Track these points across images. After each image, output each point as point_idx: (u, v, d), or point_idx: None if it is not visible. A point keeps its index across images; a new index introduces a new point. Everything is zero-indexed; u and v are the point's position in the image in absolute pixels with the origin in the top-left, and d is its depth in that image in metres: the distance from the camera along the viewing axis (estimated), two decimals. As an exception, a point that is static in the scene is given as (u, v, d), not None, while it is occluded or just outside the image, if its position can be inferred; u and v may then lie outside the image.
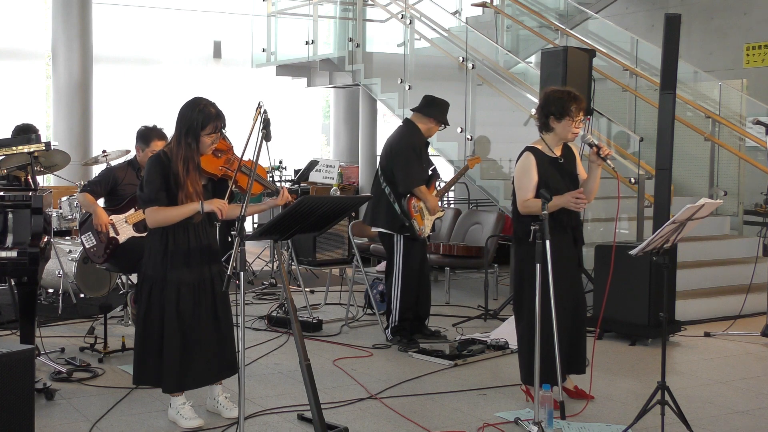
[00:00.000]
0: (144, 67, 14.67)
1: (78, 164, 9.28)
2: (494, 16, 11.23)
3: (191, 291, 4.51)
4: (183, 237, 4.50)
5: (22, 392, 3.88)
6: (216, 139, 4.49)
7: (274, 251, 9.35)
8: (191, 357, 4.52)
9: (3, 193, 5.15)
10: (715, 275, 7.98)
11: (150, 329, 4.53)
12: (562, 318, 4.82)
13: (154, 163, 4.48)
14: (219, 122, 4.46)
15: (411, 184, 6.37)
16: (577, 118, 4.91)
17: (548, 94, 4.99)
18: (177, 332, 4.48)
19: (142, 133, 6.33)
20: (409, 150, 6.38)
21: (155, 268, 4.51)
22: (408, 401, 5.12)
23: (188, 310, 4.50)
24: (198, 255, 4.53)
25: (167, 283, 4.48)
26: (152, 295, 4.52)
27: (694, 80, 9.70)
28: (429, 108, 6.53)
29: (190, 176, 4.43)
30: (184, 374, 4.53)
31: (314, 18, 11.41)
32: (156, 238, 4.52)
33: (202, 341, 4.54)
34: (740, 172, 9.00)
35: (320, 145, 17.77)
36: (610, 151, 4.97)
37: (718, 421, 4.84)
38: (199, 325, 4.53)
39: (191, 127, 4.43)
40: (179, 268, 4.49)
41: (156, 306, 4.50)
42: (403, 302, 6.48)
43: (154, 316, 4.51)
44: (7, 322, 6.58)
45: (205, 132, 4.44)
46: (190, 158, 4.43)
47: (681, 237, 4.56)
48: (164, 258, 4.49)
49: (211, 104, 4.50)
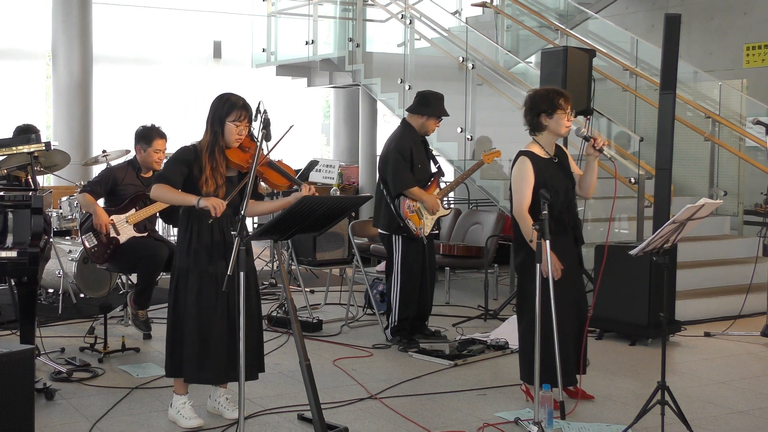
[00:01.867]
0: (144, 67, 14.66)
1: (78, 164, 9.28)
2: (494, 16, 11.22)
3: (214, 284, 4.52)
4: (206, 231, 4.55)
5: (22, 392, 3.89)
6: (242, 130, 4.57)
7: (274, 251, 9.35)
8: (209, 350, 4.54)
9: (3, 193, 5.15)
10: (715, 275, 7.97)
11: (179, 320, 4.57)
12: (566, 318, 4.83)
13: (183, 149, 4.62)
14: (244, 112, 4.56)
15: (399, 187, 6.39)
16: (568, 111, 4.93)
17: (533, 95, 5.05)
18: (197, 324, 4.52)
19: (141, 133, 6.33)
20: (398, 153, 6.40)
21: (181, 259, 4.58)
22: (408, 401, 5.12)
23: (210, 303, 4.53)
24: (222, 249, 4.56)
25: (190, 275, 4.54)
26: (179, 286, 4.57)
27: (694, 80, 9.70)
28: (419, 106, 6.54)
29: (214, 164, 4.51)
30: (201, 367, 4.54)
31: (314, 18, 11.40)
32: (183, 230, 4.60)
33: (227, 337, 4.54)
34: (740, 172, 9.00)
35: (320, 145, 17.77)
36: (606, 141, 4.98)
37: (718, 421, 4.84)
38: (221, 320, 4.54)
39: (217, 114, 4.57)
40: (202, 261, 4.54)
41: (182, 296, 4.56)
42: (402, 302, 6.48)
43: (181, 308, 4.56)
44: (7, 322, 6.58)
45: (230, 119, 4.53)
46: (215, 144, 4.54)
47: (681, 237, 4.56)
48: (189, 250, 4.55)
49: (239, 97, 4.63)
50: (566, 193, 4.98)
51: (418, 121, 6.53)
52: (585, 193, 5.09)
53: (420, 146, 6.56)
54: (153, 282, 6.23)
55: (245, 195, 4.31)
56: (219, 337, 4.54)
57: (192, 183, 4.53)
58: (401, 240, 6.46)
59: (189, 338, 4.54)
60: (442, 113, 6.57)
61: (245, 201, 4.17)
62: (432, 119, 6.53)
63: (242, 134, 4.58)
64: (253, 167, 4.19)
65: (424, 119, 6.52)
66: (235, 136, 4.56)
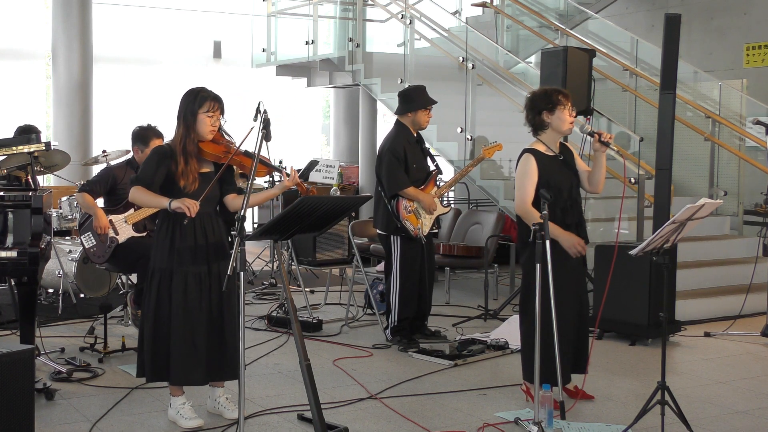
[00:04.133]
0: (144, 67, 14.66)
1: (78, 164, 9.28)
2: (494, 16, 11.22)
3: (198, 284, 4.52)
4: (189, 231, 4.54)
5: (22, 392, 3.88)
6: (215, 122, 4.57)
7: (274, 251, 9.35)
8: (197, 351, 4.53)
9: (3, 193, 5.15)
10: (715, 275, 7.97)
11: (160, 322, 4.54)
12: (568, 317, 4.83)
13: (157, 149, 4.66)
14: (216, 103, 4.57)
15: (394, 188, 6.40)
16: (568, 106, 4.93)
17: (531, 96, 5.07)
18: (184, 324, 4.50)
19: (138, 133, 6.32)
20: (391, 154, 6.40)
21: (163, 261, 4.55)
22: (408, 401, 5.12)
23: (195, 303, 4.52)
24: (204, 250, 4.56)
25: (174, 276, 4.51)
26: (161, 288, 4.54)
27: (694, 80, 9.70)
28: (404, 104, 6.56)
29: (187, 158, 4.52)
30: (191, 368, 4.53)
31: (314, 18, 11.41)
32: (163, 231, 4.57)
33: (208, 336, 4.55)
34: (740, 172, 9.00)
35: (320, 145, 17.76)
36: (612, 135, 4.98)
37: (718, 421, 4.84)
38: (205, 320, 4.54)
39: (189, 107, 4.57)
40: (186, 261, 4.52)
41: (165, 299, 4.53)
42: (402, 302, 6.48)
43: (163, 310, 4.53)
44: (7, 322, 6.58)
45: (203, 110, 4.54)
46: (187, 137, 4.54)
47: (681, 237, 4.56)
48: (171, 251, 4.53)
49: (209, 90, 4.64)
50: (570, 191, 4.98)
51: (408, 119, 6.55)
52: (594, 188, 5.08)
53: (415, 146, 6.56)
54: (153, 282, 6.24)
55: (225, 190, 4.42)
56: (203, 337, 4.54)
57: (170, 179, 4.54)
58: (400, 240, 6.46)
59: (177, 339, 4.50)
60: (428, 102, 6.56)
61: (245, 201, 4.16)
62: (421, 112, 6.53)
63: (215, 125, 4.59)
64: (254, 164, 4.18)
65: (413, 115, 6.53)
66: (208, 127, 4.56)
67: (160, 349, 4.55)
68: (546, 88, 5.11)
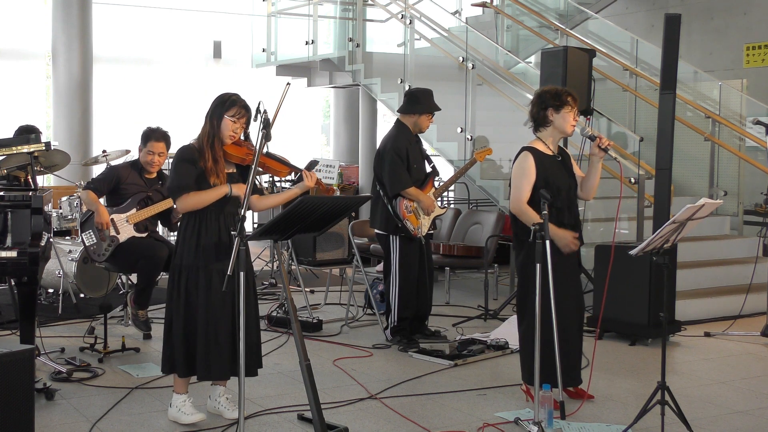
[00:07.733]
0: (144, 67, 14.66)
1: (78, 164, 9.28)
2: (494, 16, 11.23)
3: (222, 281, 4.52)
4: (214, 227, 4.56)
5: (22, 392, 3.88)
6: (237, 129, 4.58)
7: (274, 251, 9.35)
8: (220, 347, 4.53)
9: (3, 193, 5.15)
10: (715, 275, 7.97)
11: (191, 319, 4.54)
12: (567, 317, 4.83)
13: (184, 149, 4.61)
14: (243, 110, 4.58)
15: (397, 187, 6.39)
16: (574, 109, 4.93)
17: (542, 91, 5.07)
18: (208, 321, 4.51)
19: (143, 132, 6.44)
20: (394, 154, 6.40)
21: (190, 258, 4.55)
22: (408, 401, 5.12)
23: (219, 299, 4.53)
24: (228, 248, 4.54)
25: (200, 272, 4.53)
26: (189, 284, 4.55)
27: (694, 80, 9.70)
28: (410, 105, 6.56)
29: (215, 155, 4.53)
30: (214, 363, 4.54)
31: (314, 18, 11.40)
32: (189, 229, 4.58)
33: (228, 332, 4.55)
34: (740, 172, 9.00)
35: (320, 145, 17.77)
36: (611, 142, 4.98)
37: (718, 421, 4.84)
38: (227, 316, 4.55)
39: (218, 108, 4.58)
40: (211, 258, 4.54)
41: (192, 294, 4.54)
42: (401, 302, 6.48)
43: (193, 306, 4.54)
44: (7, 322, 6.58)
45: (229, 113, 4.54)
46: (214, 136, 4.55)
47: (681, 237, 4.56)
48: (197, 248, 4.54)
49: (241, 98, 4.64)
50: (568, 192, 4.97)
51: (411, 120, 6.54)
52: (587, 195, 5.07)
53: (415, 146, 6.56)
54: (153, 282, 6.25)
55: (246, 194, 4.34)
56: (226, 333, 4.55)
57: (201, 178, 4.54)
58: (399, 240, 6.46)
59: (202, 335, 4.53)
60: (434, 108, 6.58)
61: (245, 199, 4.16)
62: (424, 116, 6.54)
63: (237, 132, 4.59)
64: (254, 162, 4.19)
65: (417, 117, 6.53)
66: (230, 132, 4.56)
67: (192, 345, 4.57)
68: (558, 87, 5.11)
